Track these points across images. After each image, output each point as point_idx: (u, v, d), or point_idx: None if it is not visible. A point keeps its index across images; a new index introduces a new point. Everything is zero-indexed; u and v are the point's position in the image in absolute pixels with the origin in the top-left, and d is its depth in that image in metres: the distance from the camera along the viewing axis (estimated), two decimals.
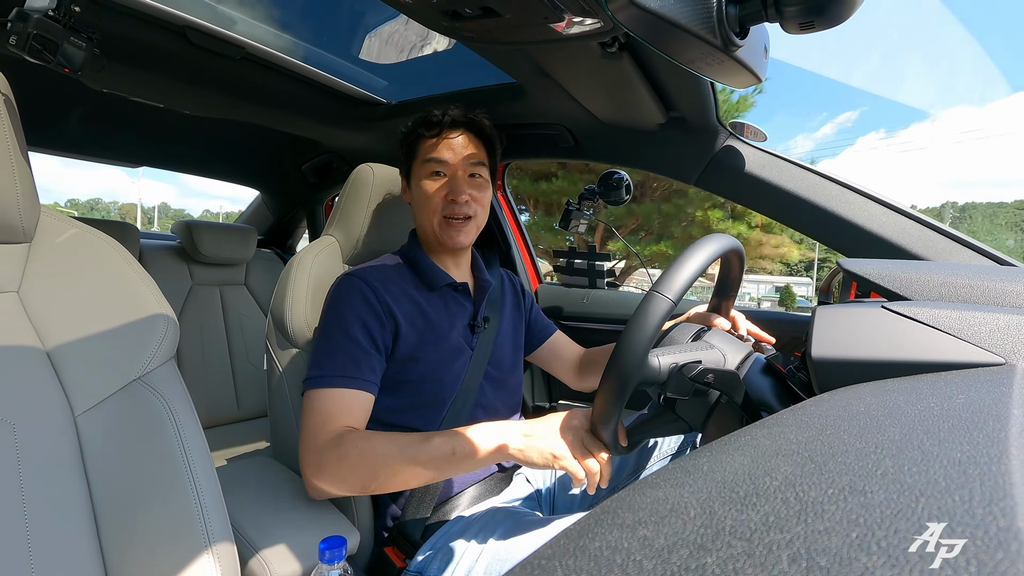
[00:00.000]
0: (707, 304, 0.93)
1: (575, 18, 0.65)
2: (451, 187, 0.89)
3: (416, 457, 0.69)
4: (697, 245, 0.62)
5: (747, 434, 0.31)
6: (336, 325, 0.81)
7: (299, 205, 2.14)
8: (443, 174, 0.90)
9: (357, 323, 0.81)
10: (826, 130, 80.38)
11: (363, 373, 0.79)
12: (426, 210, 0.90)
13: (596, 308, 1.52)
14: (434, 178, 0.89)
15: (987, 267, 0.81)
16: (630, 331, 0.58)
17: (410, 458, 0.69)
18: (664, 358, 0.64)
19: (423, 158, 0.90)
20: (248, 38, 1.11)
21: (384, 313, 0.83)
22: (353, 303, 0.82)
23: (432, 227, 0.90)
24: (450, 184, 0.89)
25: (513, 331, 1.04)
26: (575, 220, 1.51)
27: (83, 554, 0.54)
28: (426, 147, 0.90)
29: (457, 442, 0.69)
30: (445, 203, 0.89)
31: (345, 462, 0.70)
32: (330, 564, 0.59)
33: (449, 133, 0.90)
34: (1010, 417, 0.27)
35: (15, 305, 0.58)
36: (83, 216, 7.37)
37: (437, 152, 0.89)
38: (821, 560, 0.17)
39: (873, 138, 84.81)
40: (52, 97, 1.39)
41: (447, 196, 0.89)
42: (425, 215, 0.91)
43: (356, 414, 0.77)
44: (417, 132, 0.91)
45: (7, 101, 0.57)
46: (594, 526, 0.23)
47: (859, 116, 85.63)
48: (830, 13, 0.52)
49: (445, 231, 0.90)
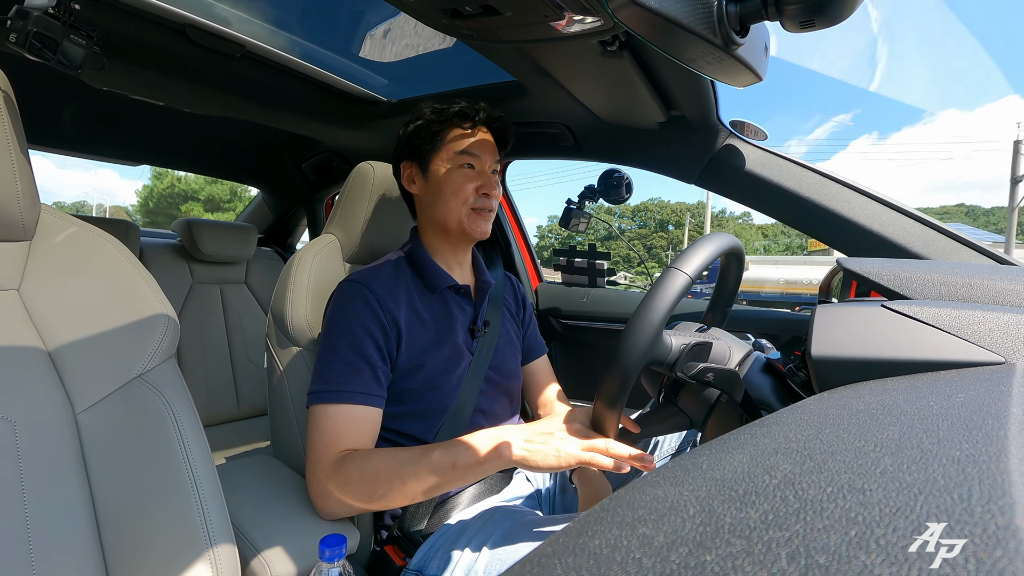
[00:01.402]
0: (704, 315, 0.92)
1: (575, 16, 0.65)
2: (484, 180, 0.90)
3: (418, 472, 0.68)
4: (714, 234, 0.64)
5: (746, 433, 0.32)
6: (341, 337, 0.79)
7: (299, 203, 2.14)
8: (473, 167, 0.91)
9: (363, 333, 0.80)
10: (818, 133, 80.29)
11: (370, 387, 0.78)
12: (455, 199, 0.89)
13: (596, 307, 1.52)
14: (466, 170, 0.90)
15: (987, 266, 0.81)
16: (646, 303, 0.58)
17: (412, 474, 0.69)
18: (676, 338, 0.64)
19: (455, 149, 0.90)
20: (248, 36, 1.11)
21: (388, 321, 0.82)
22: (358, 313, 0.81)
23: (459, 217, 0.90)
24: (482, 178, 0.90)
25: (513, 335, 1.03)
26: (575, 219, 1.51)
27: (83, 552, 0.54)
28: (458, 138, 0.90)
29: (458, 453, 0.68)
30: (477, 195, 0.90)
31: (349, 486, 0.71)
32: (330, 563, 0.59)
33: (482, 129, 0.92)
34: (1009, 416, 0.27)
35: (15, 303, 0.58)
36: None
37: (471, 145, 0.90)
38: (820, 558, 0.17)
39: (865, 141, 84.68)
40: (52, 95, 1.39)
41: (479, 188, 0.90)
42: (453, 204, 0.90)
43: (364, 433, 0.77)
44: (451, 121, 0.91)
45: (7, 99, 0.57)
46: (593, 524, 0.23)
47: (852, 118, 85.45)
48: (830, 12, 0.52)
49: (474, 221, 0.90)
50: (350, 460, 0.72)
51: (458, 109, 0.91)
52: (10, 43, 0.75)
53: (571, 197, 1.51)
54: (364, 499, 0.71)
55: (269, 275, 1.95)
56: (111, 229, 1.29)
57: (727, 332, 0.73)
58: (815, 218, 1.01)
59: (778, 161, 1.05)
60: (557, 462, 0.65)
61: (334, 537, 0.60)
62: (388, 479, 0.69)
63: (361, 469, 0.70)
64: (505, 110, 1.26)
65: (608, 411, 0.63)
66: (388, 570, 0.83)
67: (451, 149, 0.90)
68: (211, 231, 1.75)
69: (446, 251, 0.94)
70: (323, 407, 0.75)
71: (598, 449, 0.65)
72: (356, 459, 0.71)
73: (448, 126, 0.91)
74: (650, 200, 48.15)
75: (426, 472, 0.68)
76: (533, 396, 1.10)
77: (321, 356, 0.80)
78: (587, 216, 1.52)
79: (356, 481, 0.70)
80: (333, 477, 0.72)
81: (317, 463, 0.74)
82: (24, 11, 0.75)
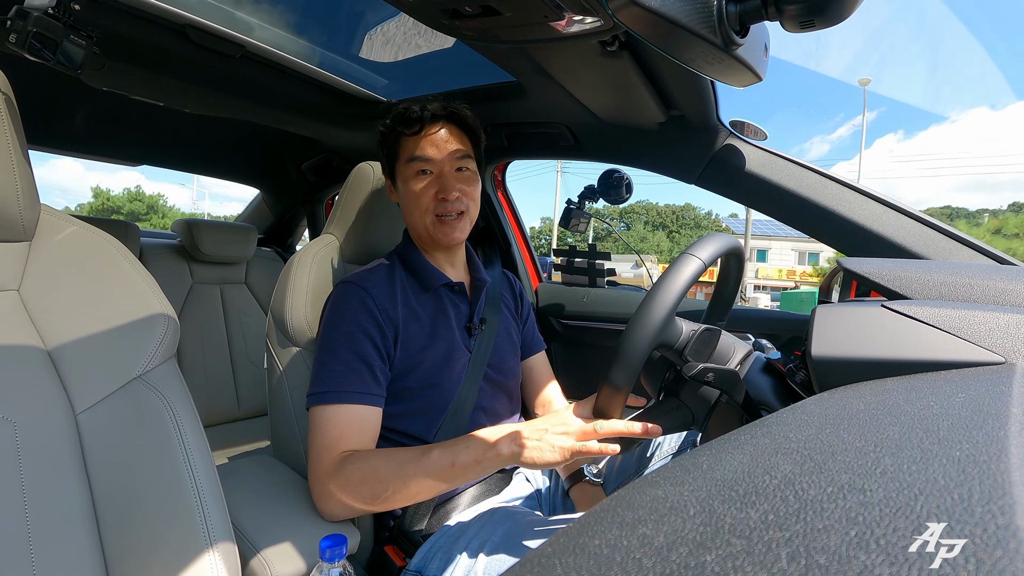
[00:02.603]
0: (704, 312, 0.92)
1: (575, 16, 0.65)
2: (440, 184, 0.86)
3: (418, 473, 0.68)
4: (721, 232, 0.65)
5: (747, 433, 0.32)
6: (339, 338, 0.79)
7: (299, 204, 2.14)
8: (430, 172, 0.86)
9: (360, 334, 0.80)
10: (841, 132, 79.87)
11: (369, 387, 0.78)
12: (417, 210, 0.87)
13: (596, 307, 1.52)
14: (421, 177, 0.86)
15: (987, 266, 0.81)
16: (661, 284, 0.58)
17: (412, 474, 0.69)
18: (686, 324, 0.64)
19: (406, 157, 0.87)
20: (248, 36, 1.11)
21: (384, 320, 0.82)
22: (354, 314, 0.81)
23: (425, 226, 0.88)
24: (439, 181, 0.86)
25: (513, 333, 1.03)
26: (575, 219, 1.51)
27: (84, 552, 0.54)
28: (408, 145, 0.87)
29: (456, 452, 0.68)
30: (436, 202, 0.86)
31: (350, 487, 0.71)
32: (331, 563, 0.59)
33: (430, 128, 0.86)
34: (1009, 416, 0.27)
35: (16, 304, 0.58)
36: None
37: (420, 150, 0.86)
38: (820, 558, 0.17)
39: (891, 139, 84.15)
40: (52, 96, 1.39)
41: (437, 194, 0.86)
42: (416, 215, 0.88)
43: (365, 432, 0.77)
44: (396, 131, 0.88)
45: (7, 99, 0.57)
46: (594, 524, 0.23)
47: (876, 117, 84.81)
48: (830, 12, 0.52)
49: (439, 229, 0.87)
50: (350, 461, 0.72)
51: (400, 113, 0.87)
52: (10, 43, 0.74)
53: (571, 198, 1.51)
54: (366, 500, 0.71)
55: (269, 275, 1.95)
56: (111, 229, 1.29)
57: (727, 332, 0.73)
58: (815, 218, 1.01)
59: (778, 161, 1.05)
60: (553, 456, 0.65)
61: (335, 537, 0.60)
62: (389, 480, 0.69)
63: (362, 470, 0.70)
64: (505, 110, 1.26)
65: (615, 393, 0.62)
66: (388, 570, 0.83)
67: (405, 157, 0.87)
68: (211, 231, 1.75)
69: (434, 252, 0.94)
70: (322, 408, 0.75)
71: (589, 434, 0.65)
72: (356, 460, 0.71)
73: (397, 134, 0.88)
74: (638, 203, 48.17)
75: (426, 472, 0.68)
76: (530, 393, 1.09)
77: (319, 359, 0.80)
78: (587, 216, 1.52)
79: (357, 483, 0.70)
80: (334, 478, 0.72)
81: (318, 465, 0.74)
82: (24, 11, 0.75)
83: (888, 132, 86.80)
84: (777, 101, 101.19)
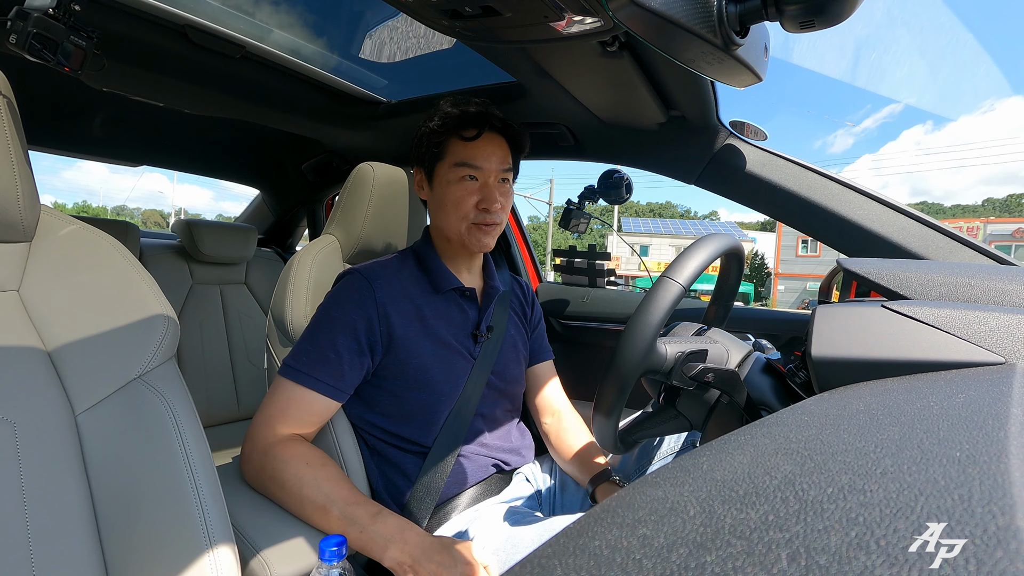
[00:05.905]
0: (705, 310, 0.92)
1: (575, 17, 0.65)
2: (484, 194, 0.86)
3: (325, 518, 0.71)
4: (706, 238, 0.63)
5: (747, 433, 0.31)
6: (324, 322, 0.82)
7: (299, 204, 2.14)
8: (475, 179, 0.87)
9: (345, 324, 0.81)
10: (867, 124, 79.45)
11: (331, 379, 0.79)
12: (455, 214, 0.87)
13: (597, 307, 1.52)
14: (465, 182, 0.86)
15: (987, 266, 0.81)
16: (640, 314, 0.57)
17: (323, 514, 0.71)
18: (671, 346, 0.64)
19: (454, 160, 0.86)
20: (248, 37, 1.11)
21: (378, 314, 0.82)
22: (348, 302, 0.82)
23: (459, 231, 0.88)
24: (483, 191, 0.86)
25: (519, 341, 1.02)
26: (575, 220, 1.51)
27: (83, 553, 0.54)
28: (458, 149, 0.87)
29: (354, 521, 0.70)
30: (477, 211, 0.86)
31: (274, 482, 0.75)
32: (330, 563, 0.59)
33: (486, 137, 0.87)
34: (1009, 416, 0.27)
35: (15, 304, 0.58)
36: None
37: (472, 157, 0.86)
38: (820, 559, 0.17)
39: (919, 131, 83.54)
40: (52, 96, 1.39)
41: (479, 204, 0.86)
42: (453, 219, 0.87)
43: (313, 418, 0.80)
44: (452, 131, 0.87)
45: (7, 100, 0.57)
46: (594, 525, 0.23)
47: (903, 109, 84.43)
48: (830, 12, 0.52)
49: (474, 235, 0.87)
50: (291, 463, 0.74)
51: (460, 115, 0.87)
52: (10, 44, 0.75)
53: (571, 198, 1.51)
54: (277, 499, 0.75)
55: (269, 276, 1.95)
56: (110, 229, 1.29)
57: (727, 332, 0.73)
58: (815, 218, 1.01)
59: (778, 161, 1.05)
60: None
61: (334, 537, 0.60)
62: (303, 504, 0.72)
63: (278, 471, 0.74)
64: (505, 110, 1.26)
65: (605, 421, 0.64)
66: (388, 570, 0.83)
67: (452, 160, 0.87)
68: (211, 232, 1.75)
69: (454, 255, 0.93)
70: (285, 381, 0.79)
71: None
72: (297, 465, 0.74)
73: (450, 136, 0.87)
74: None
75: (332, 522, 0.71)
76: (535, 400, 1.09)
77: (304, 333, 0.83)
78: (587, 217, 1.52)
79: (280, 481, 0.74)
80: (270, 463, 0.75)
81: (257, 432, 0.78)
82: (24, 12, 0.75)
83: (916, 124, 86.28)
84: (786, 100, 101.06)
